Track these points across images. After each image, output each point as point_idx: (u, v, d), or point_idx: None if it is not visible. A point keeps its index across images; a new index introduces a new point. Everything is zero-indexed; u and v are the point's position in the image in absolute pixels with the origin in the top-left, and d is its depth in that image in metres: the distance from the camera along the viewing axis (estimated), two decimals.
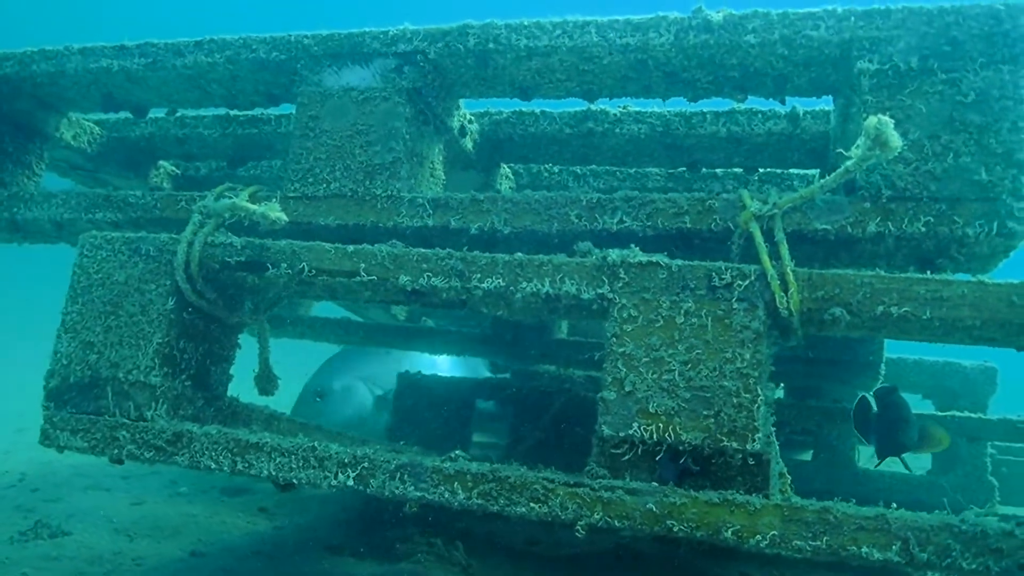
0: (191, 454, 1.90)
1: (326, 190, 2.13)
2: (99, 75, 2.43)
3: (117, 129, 3.05)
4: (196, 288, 2.03)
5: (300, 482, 1.82)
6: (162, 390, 1.99)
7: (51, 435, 2.03)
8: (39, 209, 2.38)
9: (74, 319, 2.07)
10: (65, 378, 2.05)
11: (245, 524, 3.42)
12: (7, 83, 2.53)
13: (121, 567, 2.84)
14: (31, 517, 3.31)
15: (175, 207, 2.26)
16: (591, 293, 1.73)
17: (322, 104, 2.17)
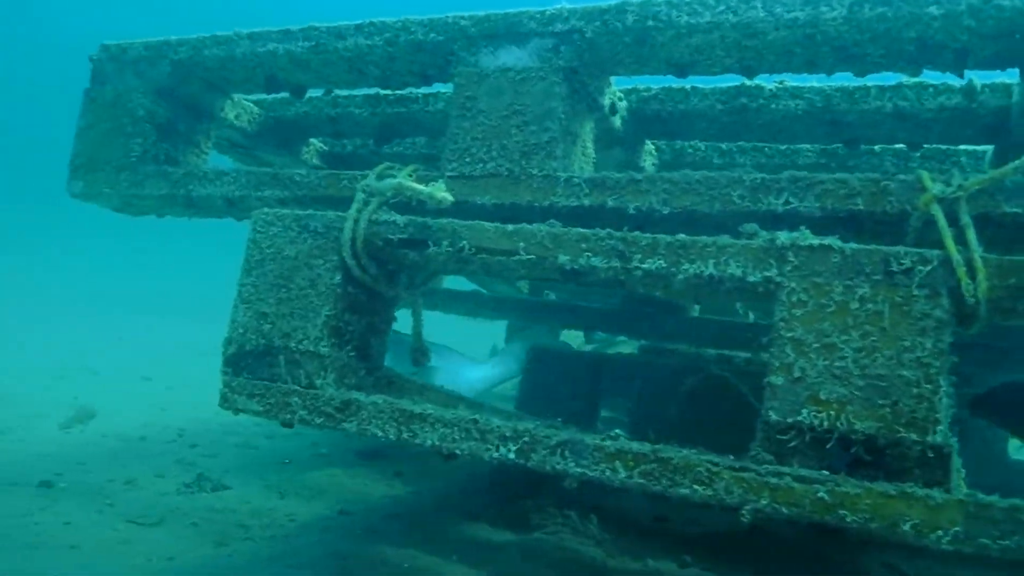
0: (359, 421, 2.00)
1: (482, 170, 2.18)
2: (265, 58, 2.55)
3: (273, 109, 3.20)
4: (361, 264, 2.12)
5: (462, 453, 1.89)
6: (330, 360, 2.10)
7: (229, 398, 2.17)
8: (212, 186, 2.53)
9: (249, 291, 2.20)
10: (241, 346, 2.18)
11: (384, 487, 3.57)
12: (181, 67, 2.69)
13: (277, 521, 3.02)
14: (192, 471, 3.56)
15: (337, 185, 2.35)
16: (757, 276, 1.71)
17: (478, 84, 2.21)
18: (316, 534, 2.90)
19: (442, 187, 2.03)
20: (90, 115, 2.79)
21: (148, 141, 2.70)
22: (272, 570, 2.55)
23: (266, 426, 4.55)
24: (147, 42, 2.74)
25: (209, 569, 2.54)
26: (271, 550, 2.74)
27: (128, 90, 2.73)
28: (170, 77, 2.70)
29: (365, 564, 2.64)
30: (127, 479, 3.42)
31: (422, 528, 3.04)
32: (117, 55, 2.77)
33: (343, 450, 4.12)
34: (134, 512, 3.02)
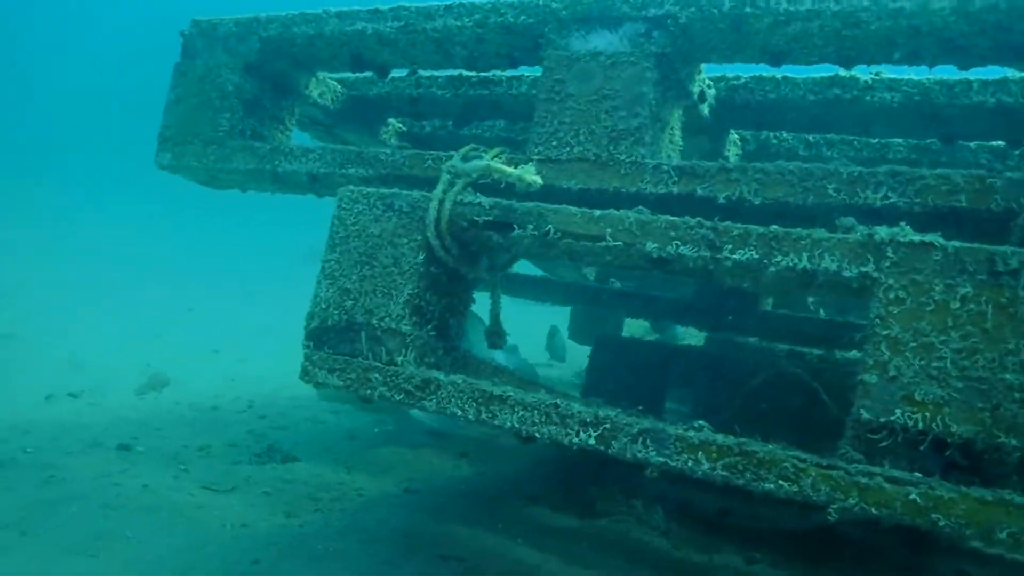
0: (438, 400, 2.01)
1: (569, 154, 2.17)
2: (352, 37, 2.58)
3: (355, 88, 3.23)
4: (444, 244, 2.13)
5: (541, 437, 1.89)
6: (411, 338, 2.12)
7: (310, 372, 2.21)
8: (298, 162, 2.57)
9: (332, 267, 2.24)
10: (324, 321, 2.22)
11: (450, 467, 3.60)
12: (270, 44, 2.73)
13: (346, 495, 3.08)
14: (263, 441, 3.64)
15: (422, 165, 2.37)
16: (853, 271, 1.67)
17: (568, 68, 2.20)
18: (384, 510, 2.95)
19: (532, 170, 2.03)
20: (179, 89, 2.86)
21: (235, 116, 2.75)
22: (342, 543, 2.60)
23: (333, 401, 4.63)
24: (237, 19, 2.79)
25: (281, 538, 2.60)
26: (340, 523, 2.79)
27: (217, 65, 2.79)
28: (259, 53, 2.74)
29: (433, 542, 2.67)
30: (200, 446, 3.51)
31: (487, 509, 3.07)
32: (207, 31, 2.83)
33: (408, 428, 4.17)
34: (208, 478, 3.10)
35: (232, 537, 2.59)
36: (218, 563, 2.38)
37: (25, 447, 3.26)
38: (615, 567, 2.67)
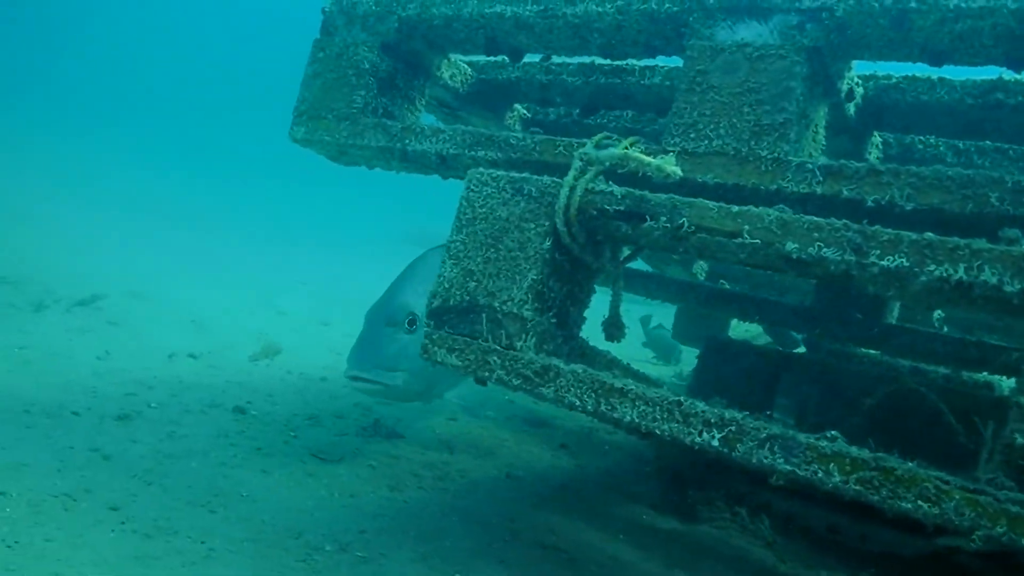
0: (556, 388, 1.99)
1: (707, 147, 2.11)
2: (490, 19, 2.58)
3: (485, 71, 3.24)
4: (571, 231, 2.11)
5: (661, 433, 1.85)
6: (532, 324, 2.11)
7: (430, 350, 2.23)
8: (428, 142, 2.59)
9: (458, 248, 2.24)
10: (446, 300, 2.23)
11: (550, 457, 3.59)
12: (407, 24, 2.76)
13: (449, 475, 3.11)
14: (369, 416, 3.71)
15: (553, 151, 2.35)
16: (1015, 286, 1.56)
17: (712, 59, 2.14)
18: (486, 493, 2.96)
19: (671, 160, 1.98)
20: (317, 64, 2.92)
21: (370, 94, 2.80)
22: (445, 522, 2.62)
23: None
24: None
25: (386, 511, 2.64)
26: (443, 502, 2.82)
27: (355, 43, 2.84)
28: (396, 33, 2.78)
29: (534, 530, 2.66)
30: (310, 415, 3.61)
31: (587, 503, 3.04)
32: (347, 9, 2.88)
33: (508, 415, 4.18)
34: (317, 447, 3.19)
35: (340, 506, 2.65)
36: (326, 529, 2.43)
37: (150, 402, 3.42)
38: (714, 573, 2.60)
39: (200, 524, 2.33)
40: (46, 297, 5.34)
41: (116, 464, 2.68)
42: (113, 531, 2.22)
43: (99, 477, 2.55)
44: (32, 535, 2.11)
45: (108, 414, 3.15)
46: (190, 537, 2.24)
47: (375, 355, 2.81)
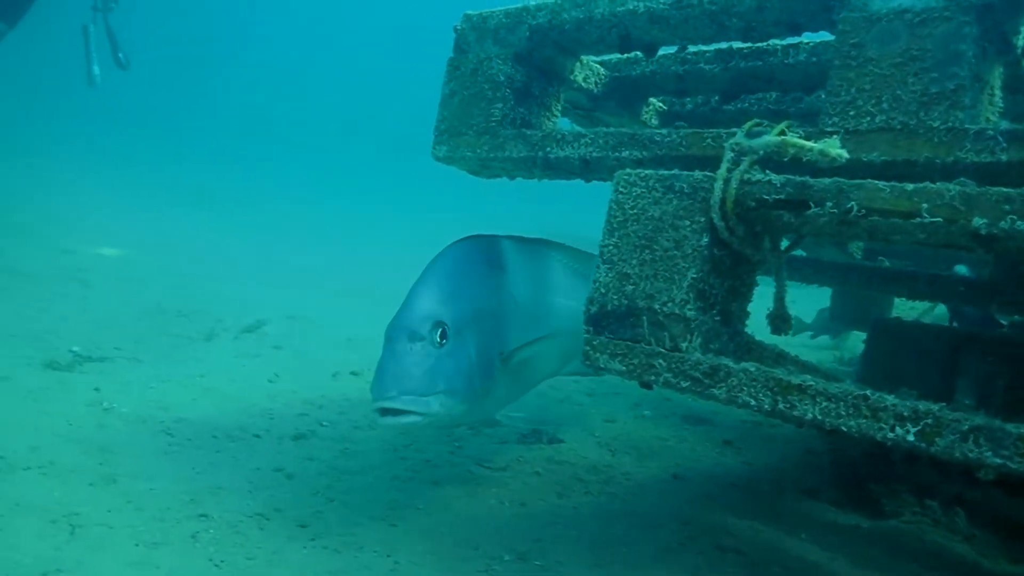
0: (728, 388, 1.93)
1: (869, 124, 1.99)
2: (623, 18, 2.54)
3: (618, 69, 3.20)
4: (729, 225, 2.04)
5: (848, 430, 1.76)
6: (696, 323, 2.05)
7: (591, 357, 2.21)
8: (570, 148, 2.58)
9: (611, 251, 2.22)
10: (603, 306, 2.21)
11: (714, 455, 3.50)
12: (538, 32, 2.76)
13: (614, 478, 3.08)
14: (526, 423, 3.74)
15: (700, 144, 2.29)
16: None
17: (867, 30, 2.02)
18: (654, 495, 2.92)
19: (836, 143, 1.88)
20: (453, 83, 2.97)
21: (507, 106, 2.82)
22: (618, 527, 2.60)
23: (585, 384, 4.68)
24: (507, 10, 2.84)
25: (557, 519, 2.65)
26: (612, 506, 2.80)
27: (488, 57, 2.86)
28: (528, 42, 2.79)
29: (708, 531, 2.60)
30: (470, 425, 3.67)
31: (760, 501, 2.94)
32: (478, 24, 2.91)
33: (665, 413, 4.11)
34: (480, 456, 3.24)
35: (511, 515, 2.68)
36: (502, 538, 2.47)
37: (321, 421, 3.58)
38: (910, 572, 2.46)
39: (383, 538, 2.41)
40: (216, 326, 5.71)
41: (299, 482, 2.82)
42: (305, 548, 2.33)
43: (285, 496, 2.69)
44: (235, 554, 2.25)
45: (286, 434, 3.32)
46: (376, 551, 2.32)
47: (402, 379, 2.19)
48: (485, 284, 2.57)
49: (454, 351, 2.29)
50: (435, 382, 2.22)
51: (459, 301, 2.38)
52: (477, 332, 2.39)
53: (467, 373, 2.31)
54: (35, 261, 7.43)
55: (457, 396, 2.27)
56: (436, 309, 2.32)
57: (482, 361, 2.38)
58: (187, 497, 2.63)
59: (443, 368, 2.25)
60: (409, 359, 2.22)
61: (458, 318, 2.34)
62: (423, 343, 2.25)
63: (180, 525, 2.42)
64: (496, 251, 2.71)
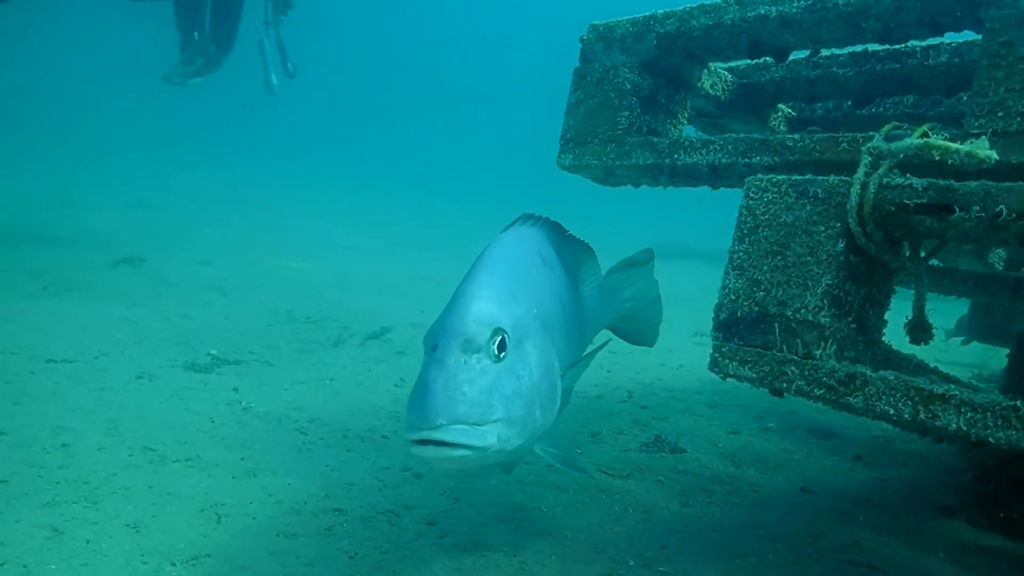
0: (865, 397, 1.89)
1: (1020, 124, 1.91)
2: (754, 23, 2.52)
3: (746, 75, 3.17)
4: (866, 231, 2.00)
5: (996, 442, 1.69)
6: (830, 331, 2.02)
7: (720, 363, 2.20)
8: (698, 155, 2.58)
9: (741, 258, 2.20)
10: (733, 312, 2.19)
11: (844, 469, 3.39)
12: (666, 39, 2.77)
13: (739, 489, 3.03)
14: (648, 431, 3.73)
15: (835, 149, 2.24)
16: None
17: (1018, 28, 1.93)
18: (781, 508, 2.86)
19: (984, 144, 1.81)
20: (579, 92, 3.02)
21: (633, 114, 2.84)
22: (744, 537, 2.56)
23: (707, 395, 4.62)
24: (633, 19, 2.87)
25: (682, 528, 2.63)
26: (737, 517, 2.76)
27: (615, 66, 2.89)
28: (655, 50, 2.80)
29: (839, 547, 2.53)
30: (592, 432, 3.70)
31: (894, 517, 2.84)
32: (605, 33, 2.95)
33: (791, 426, 4.01)
34: (603, 462, 3.25)
35: (636, 521, 2.69)
36: (626, 544, 2.47)
37: None
38: None
39: (510, 539, 2.46)
40: (342, 332, 5.94)
41: (426, 482, 2.91)
42: (434, 544, 2.41)
43: (414, 494, 2.79)
44: (368, 547, 2.35)
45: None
46: (503, 551, 2.37)
47: (453, 403, 1.64)
48: (542, 282, 2.09)
49: (513, 367, 1.77)
50: (492, 407, 1.69)
51: (518, 303, 1.89)
52: (539, 344, 1.89)
53: (528, 396, 1.78)
54: (181, 272, 7.94)
55: (515, 426, 1.74)
56: (494, 313, 1.80)
57: (545, 380, 1.87)
58: (322, 492, 2.76)
59: (502, 389, 1.72)
60: (462, 376, 1.68)
61: (519, 324, 1.84)
62: (479, 355, 1.72)
63: (316, 518, 2.55)
64: (548, 241, 2.29)
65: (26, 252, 7.68)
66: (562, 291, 2.23)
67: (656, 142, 2.72)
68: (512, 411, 1.73)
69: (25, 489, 2.58)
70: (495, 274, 1.92)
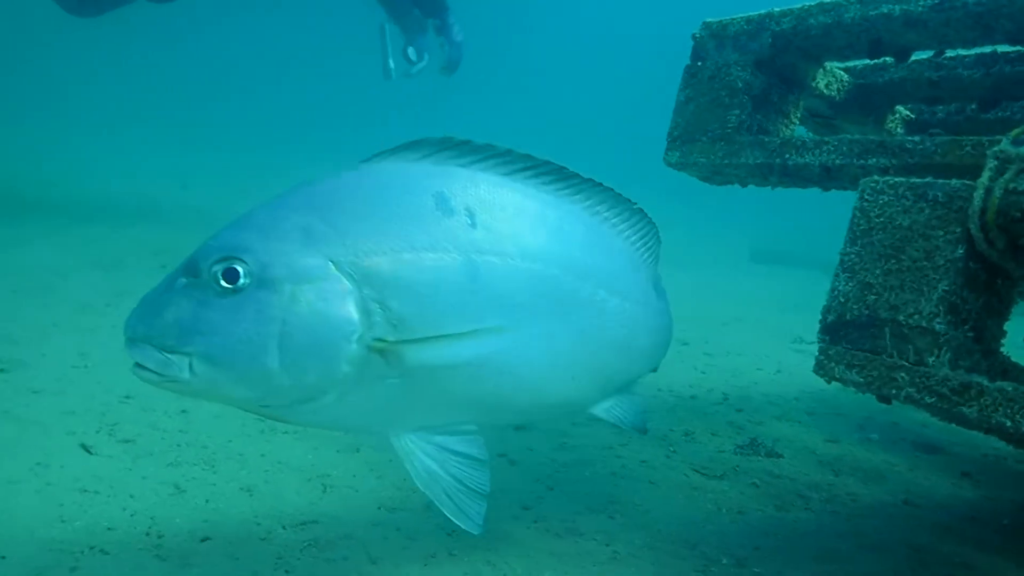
0: (980, 408, 1.84)
1: None
2: (876, 22, 2.47)
3: (863, 76, 3.10)
4: (988, 237, 1.94)
5: None
6: (944, 338, 1.97)
7: (825, 366, 2.18)
8: (810, 155, 2.55)
9: (852, 260, 2.17)
10: (841, 315, 2.17)
11: (950, 485, 3.28)
12: (781, 38, 2.74)
13: (837, 497, 2.98)
14: (743, 434, 3.69)
15: (958, 153, 2.18)
16: None
17: None
18: (881, 520, 2.79)
19: None
20: (689, 90, 3.01)
21: (744, 112, 2.82)
22: (841, 544, 2.52)
23: (805, 402, 4.53)
24: (748, 16, 2.85)
25: (776, 531, 2.61)
26: (835, 525, 2.71)
27: (727, 64, 2.88)
28: (770, 48, 2.77)
29: (943, 562, 2.46)
30: (685, 431, 3.68)
31: (1006, 537, 2.73)
32: (718, 31, 2.94)
33: (894, 438, 3.89)
34: (696, 462, 3.24)
35: (729, 521, 2.68)
36: (719, 542, 2.47)
37: None
38: None
39: (602, 528, 2.50)
40: None
41: (521, 469, 2.97)
42: (528, 528, 2.46)
43: (509, 479, 2.85)
44: None
45: (508, 425, 3.50)
46: (595, 540, 2.41)
47: (150, 320, 1.51)
48: (408, 230, 1.58)
49: (247, 306, 1.48)
50: (191, 338, 1.48)
51: (312, 242, 1.54)
52: (324, 295, 1.51)
53: (258, 343, 1.48)
54: None
55: (224, 370, 1.49)
56: (245, 243, 1.53)
57: (311, 338, 1.51)
58: None
59: (216, 324, 1.48)
60: (170, 297, 1.52)
61: (288, 265, 1.51)
62: (197, 281, 1.51)
63: (415, 495, 2.63)
64: (476, 184, 1.68)
65: (144, 231, 8.09)
66: (475, 252, 1.63)
67: (767, 141, 2.69)
68: (220, 351, 1.47)
69: (150, 449, 2.77)
70: (297, 205, 1.59)
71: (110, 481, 2.49)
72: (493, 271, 1.64)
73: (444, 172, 1.65)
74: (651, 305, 2.11)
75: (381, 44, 9.55)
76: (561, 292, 1.76)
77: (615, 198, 1.93)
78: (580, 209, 1.85)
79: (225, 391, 1.52)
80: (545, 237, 1.73)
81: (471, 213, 1.63)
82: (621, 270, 1.95)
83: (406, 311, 1.55)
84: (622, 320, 1.93)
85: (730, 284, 9.77)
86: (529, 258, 1.69)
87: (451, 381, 1.67)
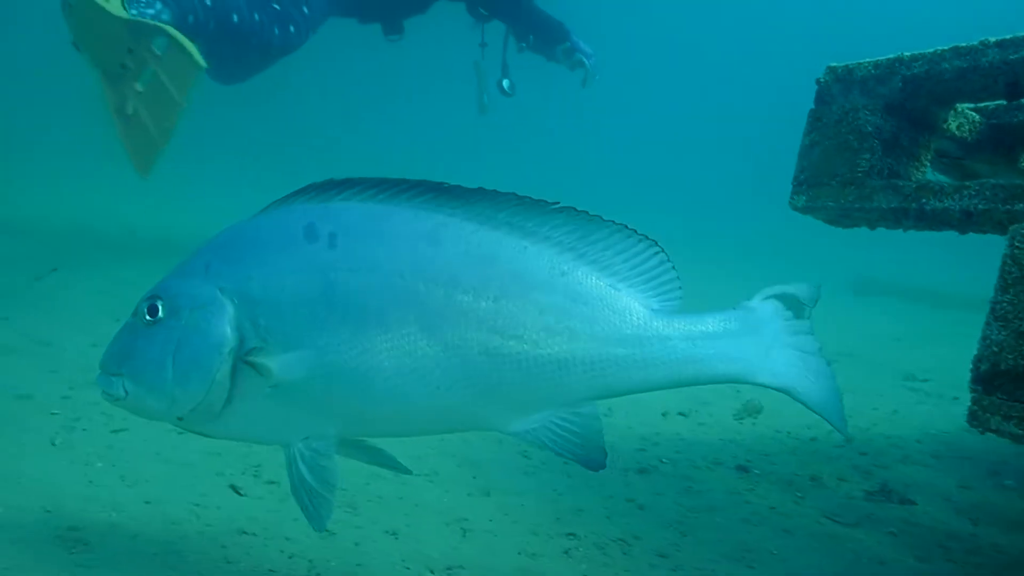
0: None
1: None
2: (1015, 65, 2.44)
3: (995, 116, 3.05)
4: None
5: None
6: None
7: (980, 417, 2.14)
8: (949, 200, 2.52)
9: (1005, 309, 2.14)
10: (995, 364, 2.13)
11: None
12: (912, 82, 2.74)
13: (980, 549, 2.89)
14: (871, 479, 3.60)
15: None
16: None
17: None
18: None
19: None
20: (815, 134, 3.02)
21: (874, 156, 2.81)
22: None
23: (928, 444, 4.40)
24: (876, 61, 2.85)
25: None
26: None
27: (855, 108, 2.88)
28: (900, 92, 2.77)
29: None
30: (811, 475, 3.62)
31: None
32: (843, 76, 2.94)
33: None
34: (826, 508, 3.19)
35: (870, 572, 2.63)
36: None
37: (660, 458, 3.73)
38: None
39: None
40: None
41: (651, 514, 2.98)
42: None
43: (640, 525, 2.86)
44: (606, 574, 2.45)
45: (630, 467, 3.52)
46: None
47: (107, 353, 1.91)
48: (280, 260, 1.81)
49: (159, 333, 1.80)
50: (124, 363, 1.84)
51: (208, 275, 1.83)
52: (207, 317, 1.78)
53: (160, 361, 1.79)
54: None
55: (142, 385, 1.81)
56: (168, 281, 1.89)
57: (193, 354, 1.78)
58: (553, 516, 2.89)
59: (138, 349, 1.83)
60: (120, 333, 1.90)
61: (189, 295, 1.82)
62: (136, 318, 1.87)
63: (553, 541, 2.68)
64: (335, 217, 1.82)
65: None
66: (331, 270, 1.77)
67: (901, 186, 2.68)
68: (139, 371, 1.81)
69: None
70: (207, 248, 1.89)
71: (264, 523, 2.62)
72: (347, 286, 1.75)
73: (320, 207, 1.81)
74: (603, 322, 1.82)
75: (476, 80, 9.82)
76: (423, 302, 1.74)
77: (531, 207, 1.79)
78: (458, 222, 1.78)
79: (145, 404, 1.82)
80: (408, 251, 1.76)
81: (332, 237, 1.77)
82: (532, 280, 1.78)
83: (271, 326, 1.76)
84: (516, 330, 1.77)
85: (834, 317, 9.54)
86: (386, 272, 1.75)
87: (313, 391, 1.78)
